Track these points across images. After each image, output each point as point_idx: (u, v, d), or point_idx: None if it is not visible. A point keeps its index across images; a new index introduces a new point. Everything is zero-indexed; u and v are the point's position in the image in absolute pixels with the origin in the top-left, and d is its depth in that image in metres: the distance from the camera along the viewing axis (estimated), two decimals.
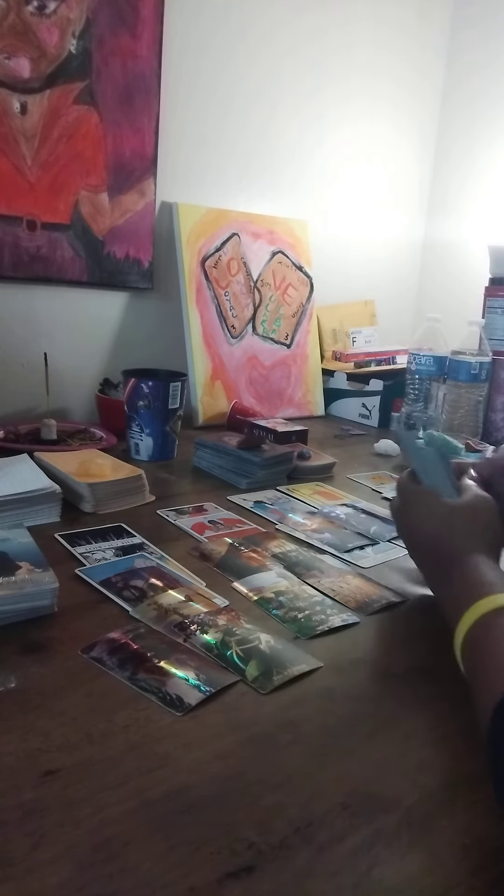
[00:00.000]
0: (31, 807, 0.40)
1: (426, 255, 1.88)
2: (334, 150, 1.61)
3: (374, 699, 0.53)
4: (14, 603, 0.58)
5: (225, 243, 1.38)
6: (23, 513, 0.78)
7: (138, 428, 1.06)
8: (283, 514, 0.90)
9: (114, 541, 0.76)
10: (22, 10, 1.09)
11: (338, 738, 0.48)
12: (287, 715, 0.50)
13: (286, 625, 0.62)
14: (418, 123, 1.77)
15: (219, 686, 0.52)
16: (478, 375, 1.29)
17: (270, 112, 1.48)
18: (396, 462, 1.20)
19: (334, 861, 0.38)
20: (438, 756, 0.48)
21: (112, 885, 0.36)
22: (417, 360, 1.33)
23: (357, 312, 1.70)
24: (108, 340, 1.34)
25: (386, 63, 1.65)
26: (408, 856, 0.39)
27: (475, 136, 1.73)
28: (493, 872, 0.39)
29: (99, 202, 1.24)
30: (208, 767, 0.44)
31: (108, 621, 0.60)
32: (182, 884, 0.36)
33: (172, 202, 1.34)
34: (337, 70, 1.56)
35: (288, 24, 1.45)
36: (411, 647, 0.62)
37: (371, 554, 0.80)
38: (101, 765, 0.44)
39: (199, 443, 1.06)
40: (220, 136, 1.41)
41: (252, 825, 0.40)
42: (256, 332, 1.44)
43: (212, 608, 0.63)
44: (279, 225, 1.48)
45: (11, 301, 1.20)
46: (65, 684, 0.51)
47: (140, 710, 0.49)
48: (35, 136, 1.15)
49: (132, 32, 1.21)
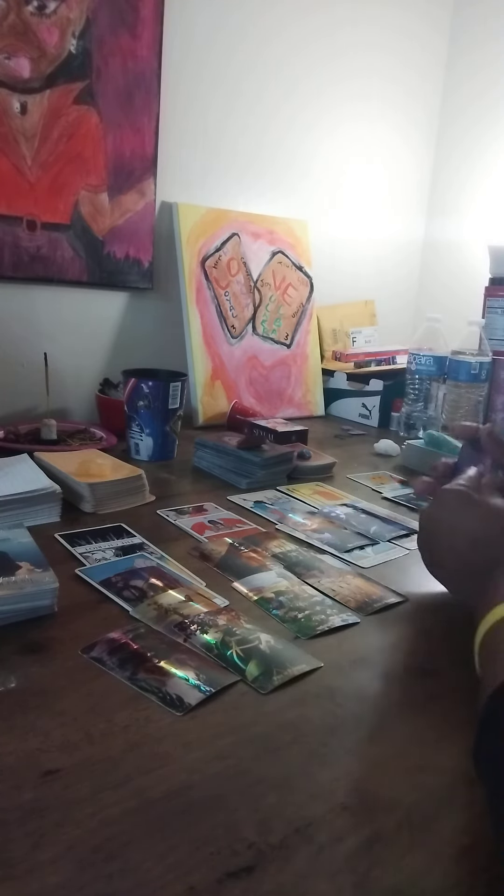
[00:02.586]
0: (31, 807, 0.40)
1: (426, 254, 1.88)
2: (335, 150, 1.62)
3: (374, 699, 0.53)
4: (14, 603, 0.58)
5: (225, 243, 1.39)
6: (23, 513, 0.78)
7: (138, 428, 1.06)
8: (283, 514, 0.90)
9: (114, 541, 0.76)
10: (22, 10, 1.09)
11: (338, 738, 0.48)
12: (287, 715, 0.50)
13: (286, 625, 0.62)
14: (418, 124, 1.77)
15: (219, 686, 0.52)
16: (478, 375, 1.29)
17: (271, 112, 1.48)
18: (396, 462, 1.20)
19: (334, 861, 0.38)
20: (438, 756, 0.48)
21: (112, 885, 0.36)
22: (417, 360, 1.33)
23: (357, 312, 1.70)
24: (108, 340, 1.34)
25: (386, 64, 1.65)
26: (408, 856, 0.39)
27: (475, 136, 1.73)
28: (493, 872, 0.39)
29: (99, 202, 1.24)
30: (208, 767, 0.44)
31: (108, 621, 0.60)
32: (182, 884, 0.36)
33: (172, 202, 1.34)
34: (338, 71, 1.56)
35: (288, 25, 1.45)
36: (411, 648, 0.62)
37: (371, 554, 0.80)
38: (101, 765, 0.44)
39: (199, 443, 1.06)
40: (221, 136, 1.41)
41: (252, 825, 0.40)
42: (256, 332, 1.45)
43: (212, 608, 0.63)
44: (279, 225, 1.48)
45: (11, 301, 1.20)
46: (65, 684, 0.51)
47: (140, 710, 0.49)
48: (35, 136, 1.15)
49: (132, 32, 1.21)
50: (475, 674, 0.50)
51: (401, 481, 1.09)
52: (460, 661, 0.60)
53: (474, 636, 0.52)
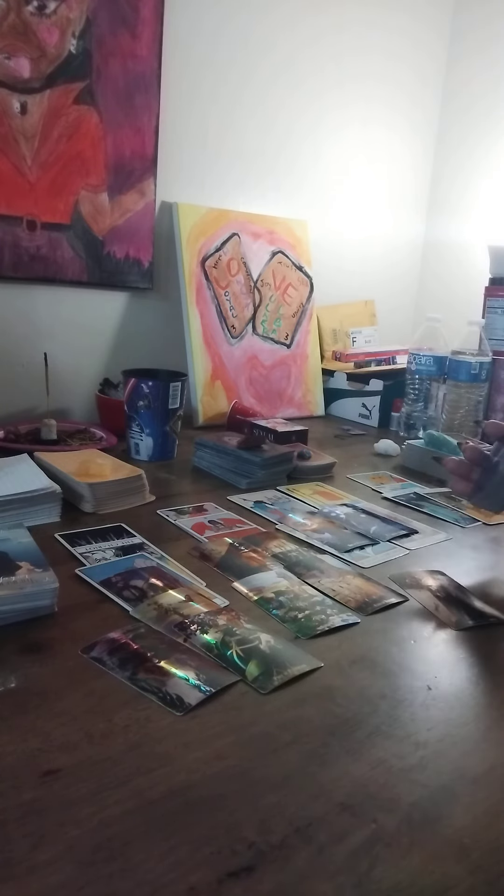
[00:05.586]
0: (31, 807, 0.40)
1: (426, 254, 1.88)
2: (335, 151, 1.61)
3: (374, 699, 0.53)
4: (14, 603, 0.58)
5: (225, 243, 1.38)
6: (23, 513, 0.78)
7: (138, 428, 1.06)
8: (283, 514, 0.90)
9: (114, 541, 0.76)
10: (22, 10, 1.09)
11: (338, 738, 0.48)
12: (287, 715, 0.50)
13: (286, 625, 0.62)
14: (419, 124, 1.77)
15: (219, 686, 0.52)
16: (478, 375, 1.29)
17: (271, 112, 1.48)
18: (396, 462, 1.20)
19: (334, 861, 0.38)
20: (438, 756, 0.48)
21: (112, 885, 0.36)
22: (417, 360, 1.33)
23: (357, 312, 1.70)
24: (108, 340, 1.34)
25: (387, 66, 1.65)
26: (408, 856, 0.39)
27: (475, 136, 1.73)
28: (493, 872, 0.39)
29: (99, 202, 1.24)
30: (208, 767, 0.44)
31: (108, 621, 0.60)
32: (182, 884, 0.36)
33: (172, 202, 1.34)
34: (339, 72, 1.56)
35: (289, 27, 1.45)
36: (411, 648, 0.62)
37: (371, 554, 0.80)
38: (101, 765, 0.44)
39: (199, 443, 1.06)
40: (221, 136, 1.41)
41: (252, 825, 0.40)
42: (256, 332, 1.45)
43: (212, 608, 0.63)
44: (279, 225, 1.48)
45: (11, 301, 1.20)
46: (65, 684, 0.51)
47: (140, 710, 0.49)
48: (35, 136, 1.15)
49: (132, 32, 1.21)
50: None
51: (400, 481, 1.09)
52: (461, 662, 0.60)
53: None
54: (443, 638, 0.63)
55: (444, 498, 1.02)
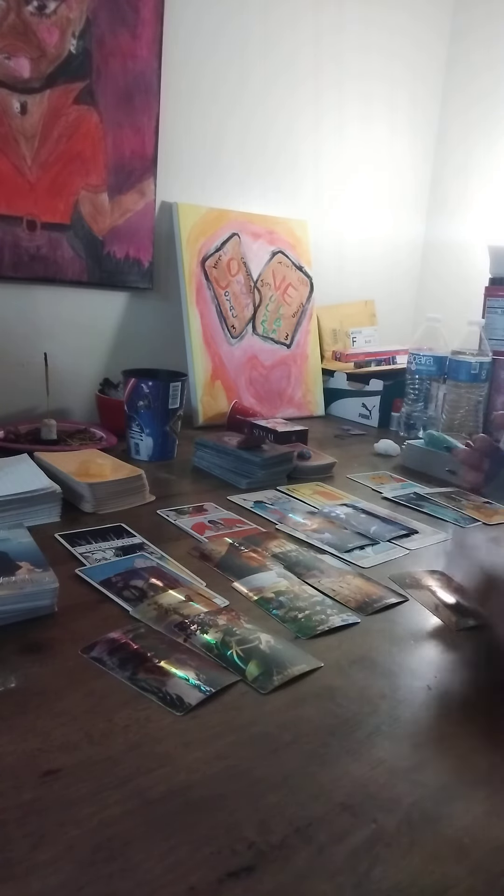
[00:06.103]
0: (31, 807, 0.40)
1: (426, 254, 1.88)
2: (335, 151, 1.61)
3: (374, 699, 0.53)
4: (14, 603, 0.58)
5: (225, 243, 1.38)
6: (23, 513, 0.78)
7: (138, 428, 1.06)
8: (283, 514, 0.90)
9: (114, 541, 0.76)
10: (22, 10, 1.09)
11: (338, 738, 0.48)
12: (287, 715, 0.50)
13: (286, 625, 0.62)
14: (419, 124, 1.77)
15: (219, 686, 0.52)
16: (478, 375, 1.29)
17: (271, 112, 1.48)
18: (396, 462, 1.20)
19: (334, 861, 0.38)
20: (438, 756, 0.48)
21: (112, 885, 0.36)
22: (417, 360, 1.33)
23: (357, 312, 1.70)
24: (108, 340, 1.34)
25: (387, 66, 1.65)
26: (408, 856, 0.39)
27: (475, 136, 1.73)
28: (493, 872, 0.39)
29: (99, 202, 1.24)
30: (208, 767, 0.44)
31: (108, 621, 0.60)
32: (182, 884, 0.36)
33: (172, 202, 1.34)
34: (339, 72, 1.56)
35: (290, 26, 1.45)
36: (411, 648, 0.62)
37: (371, 554, 0.80)
38: (101, 765, 0.44)
39: (199, 443, 1.06)
40: (221, 136, 1.41)
41: (252, 825, 0.40)
42: (256, 332, 1.44)
43: (212, 608, 0.63)
44: (279, 225, 1.48)
45: (11, 301, 1.20)
46: (65, 684, 0.51)
47: (140, 710, 0.49)
48: (35, 136, 1.15)
49: (132, 32, 1.21)
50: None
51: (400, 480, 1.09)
52: (461, 663, 0.60)
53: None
54: (443, 638, 0.63)
55: (444, 498, 1.02)
